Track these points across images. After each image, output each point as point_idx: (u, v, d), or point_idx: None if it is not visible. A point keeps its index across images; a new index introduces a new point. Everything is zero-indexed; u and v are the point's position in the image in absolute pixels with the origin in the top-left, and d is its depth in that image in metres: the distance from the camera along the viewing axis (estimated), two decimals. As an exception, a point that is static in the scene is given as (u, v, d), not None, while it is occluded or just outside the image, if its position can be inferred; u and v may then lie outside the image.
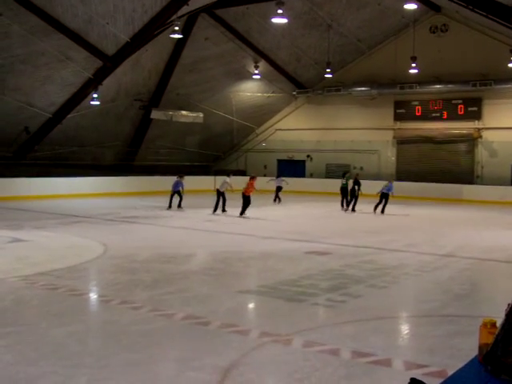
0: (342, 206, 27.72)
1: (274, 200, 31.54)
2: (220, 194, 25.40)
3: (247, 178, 25.67)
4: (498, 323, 3.44)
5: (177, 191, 26.80)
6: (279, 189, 32.02)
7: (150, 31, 29.48)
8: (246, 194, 24.34)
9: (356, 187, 27.23)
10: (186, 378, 6.51)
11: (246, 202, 24.22)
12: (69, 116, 32.60)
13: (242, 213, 24.11)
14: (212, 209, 25.23)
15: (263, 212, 26.59)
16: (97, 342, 8.01)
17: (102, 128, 35.50)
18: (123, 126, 37.22)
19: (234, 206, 24.71)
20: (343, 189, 27.78)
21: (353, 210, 27.05)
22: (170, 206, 26.47)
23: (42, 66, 29.00)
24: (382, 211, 25.89)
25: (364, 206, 27.50)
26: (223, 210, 25.17)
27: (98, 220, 22.21)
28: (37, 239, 17.04)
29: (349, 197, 27.45)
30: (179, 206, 26.52)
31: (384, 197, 26.03)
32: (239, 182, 26.78)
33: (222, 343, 7.70)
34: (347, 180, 27.88)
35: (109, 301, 10.06)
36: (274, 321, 8.94)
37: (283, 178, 32.48)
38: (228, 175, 26.52)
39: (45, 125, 32.64)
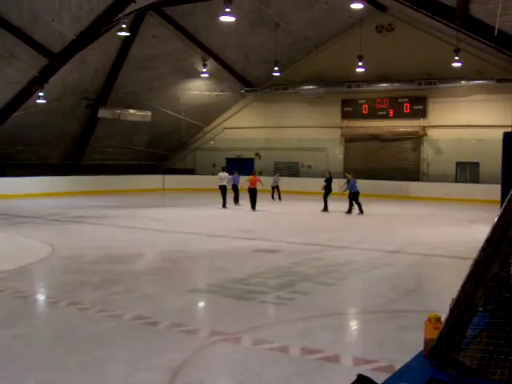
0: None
1: (273, 197, 31.74)
2: (225, 189, 27.72)
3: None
4: (443, 318, 3.50)
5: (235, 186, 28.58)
6: (276, 188, 31.79)
7: (97, 29, 29.08)
8: (252, 186, 27.08)
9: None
10: (135, 379, 6.46)
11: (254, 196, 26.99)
12: (14, 115, 31.99)
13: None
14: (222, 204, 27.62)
15: (211, 211, 26.59)
16: (44, 344, 7.89)
17: (49, 127, 34.93)
18: (70, 125, 36.70)
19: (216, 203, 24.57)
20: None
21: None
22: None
23: (-14, 63, 28.42)
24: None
25: (313, 204, 27.74)
26: (224, 206, 27.55)
27: (45, 220, 21.89)
28: (-19, 240, 16.72)
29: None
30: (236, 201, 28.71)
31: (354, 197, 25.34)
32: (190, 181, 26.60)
33: (171, 343, 7.67)
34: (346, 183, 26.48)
35: (56, 302, 9.94)
36: (223, 319, 8.95)
37: (279, 177, 32.80)
38: (223, 170, 28.89)
39: (-11, 123, 32.00)
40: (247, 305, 9.84)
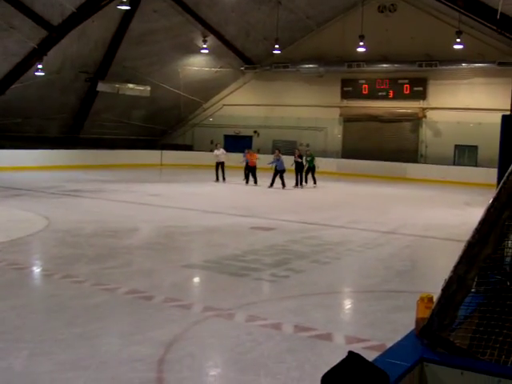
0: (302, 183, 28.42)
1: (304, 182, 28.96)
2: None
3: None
4: (435, 298, 3.51)
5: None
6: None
7: (97, 2, 28.91)
8: (252, 165, 28.47)
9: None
10: (128, 352, 6.50)
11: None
12: (12, 87, 31.84)
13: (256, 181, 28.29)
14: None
15: (208, 187, 26.59)
16: (38, 316, 7.92)
17: (47, 100, 34.80)
18: (68, 98, 36.54)
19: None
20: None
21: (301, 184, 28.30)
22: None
23: (-16, 34, 28.23)
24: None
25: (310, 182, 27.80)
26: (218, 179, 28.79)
27: (42, 193, 21.87)
28: (-23, 212, 16.73)
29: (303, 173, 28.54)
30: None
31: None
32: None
33: (164, 317, 7.71)
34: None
35: (51, 275, 9.96)
36: (217, 295, 8.98)
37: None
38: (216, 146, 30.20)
39: (-13, 95, 31.87)
40: (241, 281, 9.88)
